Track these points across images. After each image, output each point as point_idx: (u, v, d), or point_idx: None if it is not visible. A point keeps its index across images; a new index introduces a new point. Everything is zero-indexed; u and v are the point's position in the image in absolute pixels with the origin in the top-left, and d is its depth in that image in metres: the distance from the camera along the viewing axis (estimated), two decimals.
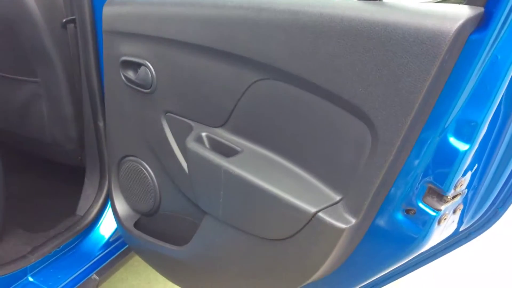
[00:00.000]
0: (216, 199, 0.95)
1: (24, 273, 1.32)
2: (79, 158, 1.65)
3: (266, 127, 0.91)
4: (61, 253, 1.40)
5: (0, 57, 1.51)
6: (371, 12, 0.69)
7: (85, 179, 1.56)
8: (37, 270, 1.35)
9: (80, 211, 1.52)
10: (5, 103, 1.61)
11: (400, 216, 0.75)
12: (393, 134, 0.68)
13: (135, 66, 1.14)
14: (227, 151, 0.95)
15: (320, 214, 0.78)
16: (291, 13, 0.79)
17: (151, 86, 1.11)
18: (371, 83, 0.69)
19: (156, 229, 1.27)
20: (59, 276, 1.36)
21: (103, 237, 1.48)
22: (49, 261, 1.38)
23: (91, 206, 1.49)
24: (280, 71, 0.83)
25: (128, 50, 1.14)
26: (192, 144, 1.01)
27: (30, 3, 1.32)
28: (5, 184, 1.33)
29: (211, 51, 0.94)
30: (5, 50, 1.48)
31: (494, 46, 0.63)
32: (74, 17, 1.35)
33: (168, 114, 1.11)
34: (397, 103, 0.67)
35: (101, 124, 1.44)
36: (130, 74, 1.16)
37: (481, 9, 0.63)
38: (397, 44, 0.66)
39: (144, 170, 1.24)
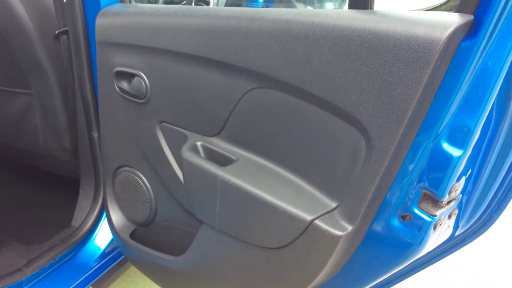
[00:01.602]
0: (212, 208, 0.95)
1: (19, 286, 1.31)
2: (74, 169, 1.64)
3: (261, 136, 0.91)
4: (57, 265, 1.39)
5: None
6: (362, 21, 0.70)
7: (80, 190, 1.55)
8: (33, 283, 1.34)
9: (75, 222, 1.51)
10: (6, 117, 1.60)
11: (396, 222, 0.75)
12: (387, 141, 0.69)
13: (129, 76, 1.14)
14: (223, 160, 0.96)
15: (316, 221, 0.78)
16: (283, 23, 0.80)
17: (145, 96, 1.11)
18: (364, 90, 0.70)
19: (152, 239, 1.27)
20: None
21: (98, 248, 1.47)
22: (45, 274, 1.37)
23: (86, 217, 1.49)
24: (274, 79, 0.83)
25: (122, 61, 1.14)
26: (187, 154, 1.01)
27: (23, 15, 1.32)
28: None
29: (205, 61, 0.95)
30: (2, 63, 1.48)
31: (484, 52, 0.64)
32: (66, 28, 1.35)
33: (162, 123, 1.11)
34: (390, 110, 0.67)
35: (95, 135, 1.44)
36: (124, 84, 1.16)
37: (470, 17, 0.64)
38: (389, 52, 0.66)
39: (139, 180, 1.24)
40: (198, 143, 1.01)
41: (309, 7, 2.43)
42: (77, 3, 1.25)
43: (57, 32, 1.38)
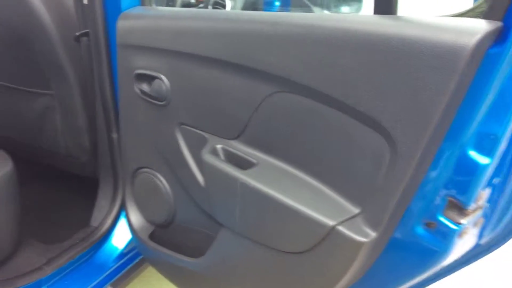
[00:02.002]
0: (232, 212, 0.96)
1: (39, 285, 1.33)
2: (93, 169, 1.66)
3: (282, 140, 0.91)
4: (76, 265, 1.40)
5: (15, 70, 1.53)
6: (387, 26, 0.69)
7: (99, 190, 1.56)
8: (52, 282, 1.36)
9: (94, 222, 1.53)
10: (20, 115, 1.63)
11: (420, 229, 0.75)
12: (412, 147, 0.68)
13: (149, 79, 1.15)
14: (243, 164, 0.96)
15: (338, 227, 0.77)
16: (306, 27, 0.80)
17: (165, 98, 1.12)
18: (389, 96, 0.69)
19: (171, 241, 1.27)
20: None
21: (117, 248, 1.48)
22: (64, 273, 1.39)
23: (105, 217, 1.50)
24: (295, 83, 0.83)
25: (142, 63, 1.15)
26: (207, 157, 1.01)
27: (44, 17, 1.33)
28: (20, 195, 1.35)
29: (226, 64, 0.95)
30: (20, 63, 1.50)
31: None
32: (87, 30, 1.36)
33: (182, 126, 1.12)
34: (416, 116, 0.67)
35: (114, 135, 1.45)
36: (145, 87, 1.17)
37: (499, 23, 0.63)
38: (415, 58, 0.66)
39: (159, 182, 1.24)
40: (219, 146, 1.01)
41: (325, 11, 2.42)
42: (97, 5, 1.26)
43: (77, 34, 1.39)
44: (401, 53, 0.67)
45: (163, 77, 1.11)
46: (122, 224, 1.51)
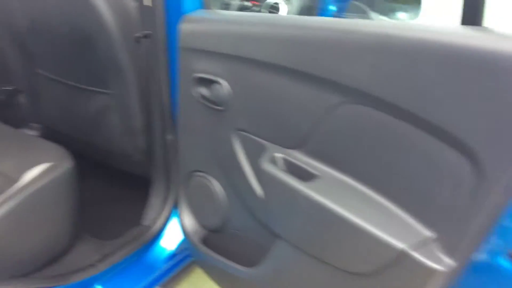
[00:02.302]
0: (291, 224, 0.93)
1: (92, 281, 1.36)
2: (146, 168, 1.68)
3: (348, 153, 0.87)
4: (127, 263, 1.42)
5: (77, 69, 1.56)
6: (478, 39, 0.64)
7: (151, 190, 1.58)
8: (104, 279, 1.38)
9: (146, 220, 1.54)
10: (79, 113, 1.67)
11: (503, 260, 0.69)
12: (501, 172, 0.62)
13: (209, 83, 1.14)
14: (304, 175, 0.92)
15: (409, 251, 0.73)
16: (382, 36, 0.75)
17: (224, 103, 1.10)
18: (477, 114, 0.64)
19: (223, 247, 1.26)
20: (125, 286, 1.38)
21: (168, 248, 1.49)
22: (116, 271, 1.41)
23: (157, 217, 1.51)
24: (367, 95, 0.79)
25: (203, 67, 1.14)
26: (267, 165, 0.98)
27: (107, 17, 1.35)
28: (79, 190, 1.38)
29: (291, 72, 0.92)
30: (82, 62, 1.53)
31: None
32: (148, 32, 1.37)
33: (240, 132, 1.10)
34: (507, 138, 0.61)
35: (169, 137, 1.46)
36: (204, 91, 1.16)
37: None
38: (510, 75, 0.60)
39: (213, 187, 1.23)
40: (279, 155, 0.98)
41: (383, 17, 2.34)
42: (159, 7, 1.27)
43: (138, 35, 1.40)
44: (496, 69, 0.61)
45: (223, 81, 1.09)
46: (173, 224, 1.52)
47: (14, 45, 1.58)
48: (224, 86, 1.09)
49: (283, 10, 2.13)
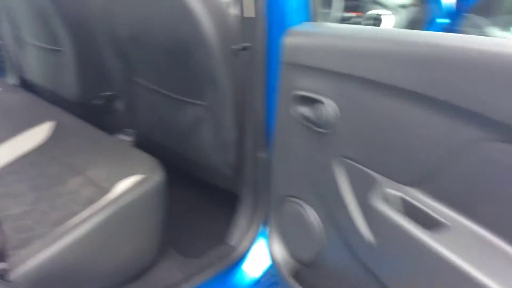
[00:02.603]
0: (406, 279, 0.78)
1: None
2: (235, 184, 1.62)
3: (487, 200, 0.71)
4: (211, 285, 1.36)
5: (173, 79, 1.55)
6: None
7: (238, 207, 1.51)
8: None
9: (231, 240, 1.47)
10: (172, 123, 1.65)
11: None
12: None
13: (313, 102, 1.03)
14: (427, 221, 0.78)
15: None
16: None
17: (328, 126, 0.99)
18: None
19: (316, 284, 1.14)
20: None
21: (252, 273, 1.40)
22: None
23: (243, 237, 1.43)
24: None
25: (307, 85, 1.04)
26: (378, 203, 0.85)
27: (208, 28, 1.30)
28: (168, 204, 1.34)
29: (417, 97, 0.78)
30: (178, 72, 1.51)
31: None
32: (248, 44, 1.30)
33: (345, 160, 0.98)
34: None
35: (262, 155, 1.38)
36: (306, 110, 1.05)
37: None
38: None
39: (309, 216, 1.12)
40: (395, 193, 0.85)
41: (505, 33, 2.07)
42: (262, 20, 1.19)
43: (237, 47, 1.34)
44: None
45: (329, 102, 0.98)
46: (259, 247, 1.43)
47: (115, 53, 1.61)
48: (329, 106, 0.98)
49: (387, 22, 1.96)
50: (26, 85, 2.13)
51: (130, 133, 1.93)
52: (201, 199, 1.86)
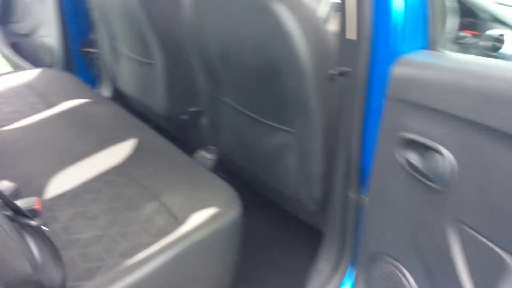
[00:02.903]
0: None
1: None
2: (318, 221, 1.46)
3: None
4: None
5: (260, 101, 1.44)
6: None
7: (321, 249, 1.35)
8: None
9: (310, 285, 1.31)
10: (255, 146, 1.54)
11: None
12: None
13: (424, 149, 0.85)
14: None
15: None
16: None
17: (443, 182, 0.80)
18: None
19: None
20: None
21: None
22: None
23: (324, 286, 1.27)
24: None
25: (418, 127, 0.86)
26: None
27: (302, 50, 1.17)
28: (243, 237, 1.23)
29: None
30: (266, 95, 1.39)
31: None
32: (346, 69, 1.14)
33: (463, 227, 0.78)
34: None
35: (352, 195, 1.21)
36: (415, 157, 0.87)
37: None
38: None
39: (408, 284, 0.93)
40: None
41: None
42: (366, 43, 1.02)
43: (334, 72, 1.19)
44: None
45: (446, 152, 0.79)
46: None
47: (203, 69, 1.54)
48: (447, 158, 0.79)
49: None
50: (118, 95, 2.17)
51: (213, 151, 1.86)
52: (281, 231, 1.72)
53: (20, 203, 1.13)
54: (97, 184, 1.25)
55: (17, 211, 0.74)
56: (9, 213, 0.74)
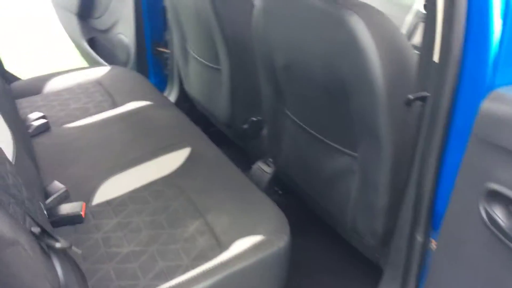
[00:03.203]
0: None
1: None
2: (377, 256, 1.32)
3: None
4: None
5: (322, 119, 1.32)
6: None
7: None
8: None
9: None
10: (314, 166, 1.43)
11: None
12: None
13: (510, 205, 0.69)
14: None
15: None
16: None
17: None
18: None
19: None
20: None
21: None
22: None
23: None
24: None
25: (507, 178, 0.70)
26: None
27: (376, 69, 1.03)
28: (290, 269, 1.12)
29: None
30: (331, 114, 1.27)
31: None
32: (426, 94, 0.99)
33: None
34: None
35: (419, 238, 1.06)
36: (499, 214, 0.71)
37: None
38: None
39: None
40: None
41: None
42: (453, 68, 0.87)
43: (411, 97, 1.04)
44: None
45: None
46: None
47: (268, 80, 1.45)
48: None
49: None
50: (184, 98, 2.15)
51: (271, 163, 1.77)
52: (334, 257, 1.59)
53: (66, 207, 1.12)
54: (145, 194, 1.21)
55: (43, 231, 0.70)
56: (37, 230, 0.70)
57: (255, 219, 1.12)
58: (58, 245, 0.68)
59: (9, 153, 1.03)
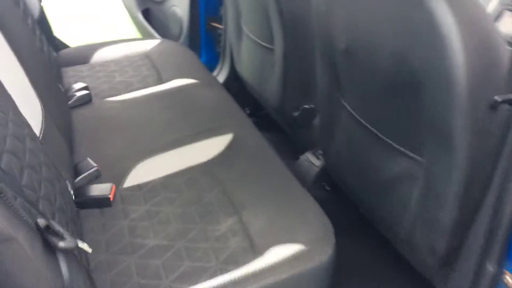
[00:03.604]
0: None
1: None
2: (433, 276, 1.15)
3: None
4: None
5: (384, 115, 1.15)
6: None
7: None
8: None
9: None
10: (371, 167, 1.27)
11: None
12: None
13: None
14: None
15: None
16: None
17: None
18: None
19: None
20: None
21: None
22: None
23: None
24: None
25: None
26: None
27: (458, 63, 0.86)
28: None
29: None
30: (395, 110, 1.10)
31: None
32: None
33: None
34: None
35: (490, 267, 0.89)
36: None
37: None
38: None
39: None
40: None
41: None
42: None
43: (499, 98, 0.86)
44: None
45: None
46: None
47: (325, 65, 1.30)
48: None
49: None
50: (235, 77, 2.04)
51: (320, 156, 1.63)
52: (384, 264, 1.43)
53: (96, 189, 1.05)
54: (179, 181, 1.11)
55: (47, 228, 0.61)
56: (43, 223, 0.61)
57: (296, 223, 0.99)
58: (61, 244, 0.59)
59: (37, 128, 0.97)
